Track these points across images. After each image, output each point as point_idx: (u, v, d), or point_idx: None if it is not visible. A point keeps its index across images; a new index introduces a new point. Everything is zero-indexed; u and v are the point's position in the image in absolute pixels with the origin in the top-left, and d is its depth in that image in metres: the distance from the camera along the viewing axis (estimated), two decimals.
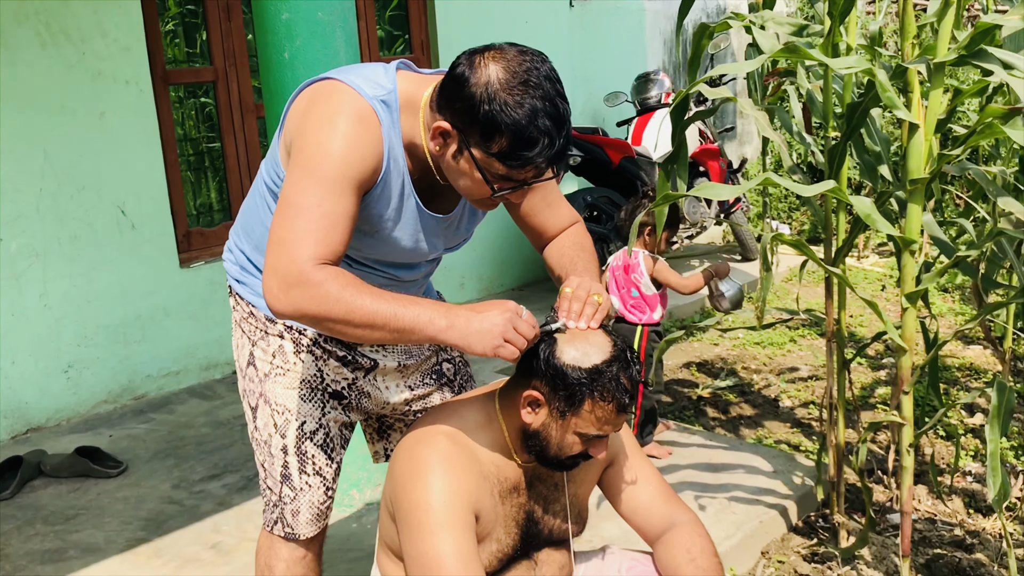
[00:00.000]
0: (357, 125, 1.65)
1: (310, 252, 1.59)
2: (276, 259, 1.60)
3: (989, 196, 2.62)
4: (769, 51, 2.62)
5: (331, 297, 1.58)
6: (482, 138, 1.60)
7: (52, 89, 4.16)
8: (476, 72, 1.60)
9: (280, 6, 2.75)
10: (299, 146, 1.66)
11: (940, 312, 5.50)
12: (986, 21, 2.19)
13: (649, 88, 6.27)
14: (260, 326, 1.98)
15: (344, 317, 1.59)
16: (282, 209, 1.64)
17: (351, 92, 1.67)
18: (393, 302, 1.61)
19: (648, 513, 1.93)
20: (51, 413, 4.29)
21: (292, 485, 2.01)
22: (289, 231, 1.61)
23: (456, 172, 1.69)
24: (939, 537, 3.16)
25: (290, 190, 1.64)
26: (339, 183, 1.63)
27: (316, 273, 1.58)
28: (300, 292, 1.58)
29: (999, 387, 2.34)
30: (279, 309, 1.61)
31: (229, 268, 2.04)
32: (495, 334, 1.61)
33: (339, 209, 1.63)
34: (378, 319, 1.60)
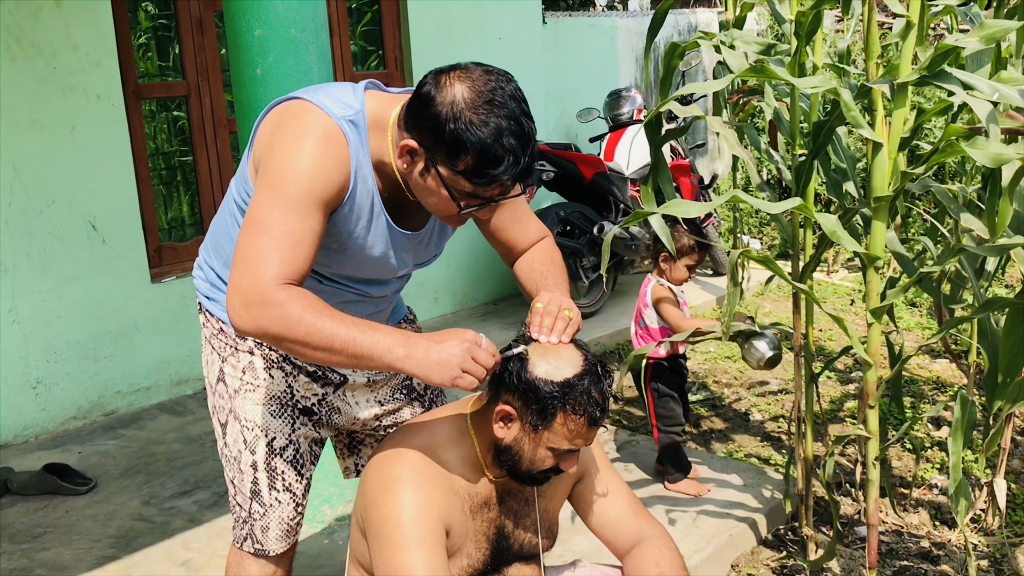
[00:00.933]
0: (324, 145, 1.67)
1: (273, 271, 1.60)
2: (240, 277, 1.62)
3: (951, 214, 2.67)
4: (737, 70, 2.66)
5: (291, 318, 1.59)
6: (448, 156, 1.62)
7: (22, 103, 4.13)
8: (441, 91, 1.62)
9: (253, 22, 2.76)
10: (266, 164, 1.68)
11: (908, 326, 5.58)
12: (947, 43, 2.24)
13: (621, 104, 6.33)
14: (230, 342, 1.98)
15: (303, 339, 1.60)
16: (247, 227, 1.65)
17: (319, 112, 1.69)
18: (353, 327, 1.62)
19: (618, 527, 1.95)
20: (19, 430, 4.24)
21: (262, 501, 2.01)
22: (253, 249, 1.62)
23: (424, 190, 1.71)
24: (905, 549, 3.20)
25: (256, 208, 1.66)
26: (304, 202, 1.64)
27: (278, 293, 1.59)
28: (261, 311, 1.59)
29: (962, 401, 2.39)
30: (240, 326, 1.62)
31: (199, 285, 2.04)
32: (453, 365, 1.62)
33: (304, 228, 1.64)
34: (336, 343, 1.61)
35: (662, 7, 2.86)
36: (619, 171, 6.00)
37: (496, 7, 6.16)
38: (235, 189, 1.90)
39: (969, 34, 2.27)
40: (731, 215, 6.86)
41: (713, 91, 2.75)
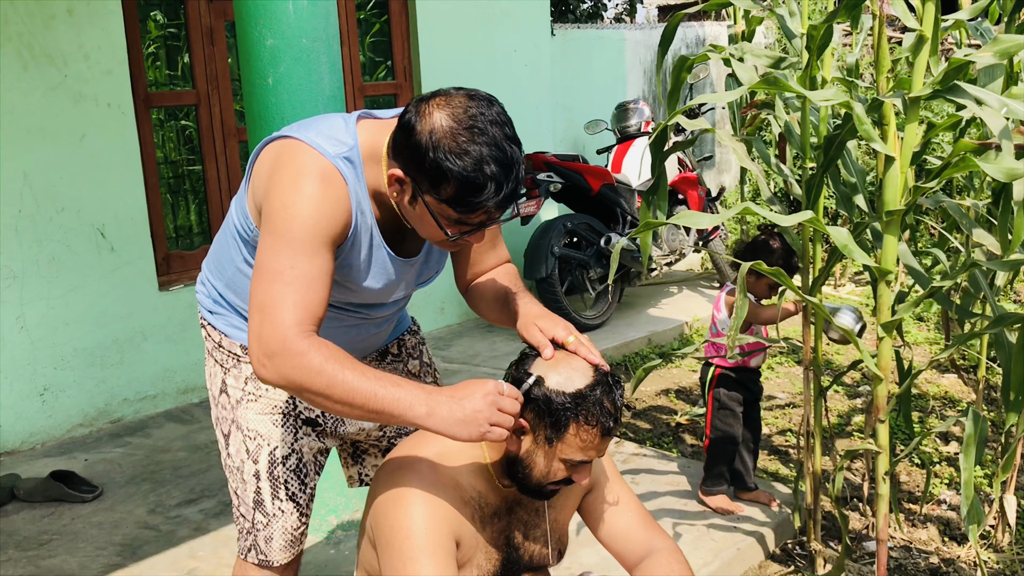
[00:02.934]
0: (322, 185, 1.66)
1: (291, 318, 1.60)
2: (259, 327, 1.61)
3: (963, 229, 2.67)
4: (748, 83, 2.66)
5: (313, 369, 1.58)
6: (431, 185, 1.62)
7: (33, 111, 4.15)
8: (422, 120, 1.61)
9: (264, 32, 2.77)
10: (268, 211, 1.68)
11: (915, 341, 5.56)
12: (959, 58, 2.24)
13: (629, 116, 6.34)
14: (231, 354, 1.99)
15: (323, 390, 1.59)
16: (259, 274, 1.65)
17: (313, 153, 1.68)
18: (375, 381, 1.60)
19: (627, 540, 1.94)
20: (25, 436, 4.24)
21: (265, 511, 2.00)
22: (268, 297, 1.62)
23: (414, 217, 1.72)
24: (915, 565, 3.18)
25: (264, 255, 1.66)
26: (311, 243, 1.64)
27: (298, 342, 1.59)
28: (283, 361, 1.58)
29: (973, 416, 2.37)
30: (264, 376, 1.61)
31: (202, 300, 2.05)
32: (480, 421, 1.60)
33: (314, 269, 1.64)
34: (357, 397, 1.59)
35: (673, 21, 2.86)
36: (627, 183, 6.01)
37: (505, 19, 6.17)
38: (235, 214, 1.90)
39: (983, 49, 2.27)
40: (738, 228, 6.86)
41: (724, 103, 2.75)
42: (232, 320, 1.99)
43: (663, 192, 2.77)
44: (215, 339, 2.01)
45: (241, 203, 1.86)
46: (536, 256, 5.52)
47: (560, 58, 6.85)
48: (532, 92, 6.41)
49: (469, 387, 1.64)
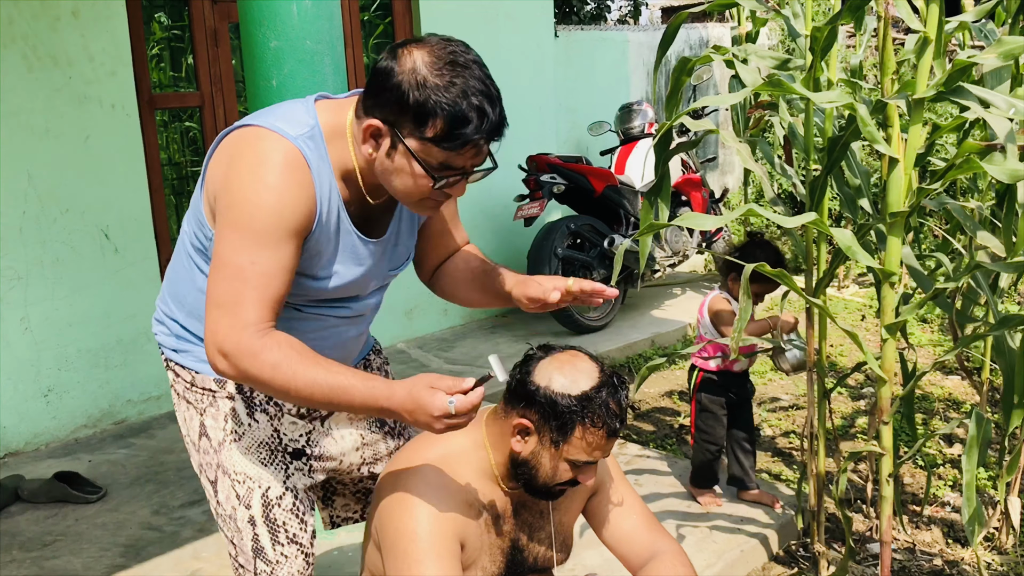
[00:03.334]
0: (285, 172, 1.61)
1: (251, 316, 1.58)
2: (215, 323, 1.59)
3: (967, 230, 2.66)
4: (752, 84, 2.66)
5: (270, 365, 1.57)
6: (416, 125, 1.57)
7: (38, 112, 4.16)
8: (400, 61, 1.57)
9: (269, 34, 2.77)
10: (227, 203, 1.62)
11: (919, 342, 5.56)
12: (963, 59, 2.24)
13: (632, 118, 6.34)
14: (207, 393, 1.87)
15: (282, 386, 1.58)
16: (217, 269, 1.61)
17: (274, 136, 1.62)
18: (329, 389, 1.59)
19: (632, 542, 1.94)
20: (30, 437, 4.25)
21: (267, 559, 1.87)
22: (227, 294, 1.59)
23: (392, 172, 1.64)
24: (918, 567, 3.18)
25: (223, 249, 1.61)
26: (273, 236, 1.60)
27: (257, 340, 1.57)
28: (240, 359, 1.57)
29: (977, 418, 2.37)
30: (222, 372, 1.60)
31: (163, 340, 1.92)
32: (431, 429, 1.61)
33: (276, 264, 1.61)
34: (315, 399, 1.59)
35: (674, 22, 2.86)
36: (630, 184, 6.01)
37: (508, 20, 6.18)
38: (189, 230, 1.81)
39: (987, 50, 2.27)
40: (741, 229, 6.86)
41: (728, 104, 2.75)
42: (200, 353, 1.85)
43: (666, 193, 2.77)
44: (186, 379, 1.89)
45: (196, 210, 1.77)
46: (539, 257, 5.52)
47: (563, 59, 6.85)
48: (536, 93, 6.41)
49: (419, 410, 1.59)
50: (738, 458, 3.48)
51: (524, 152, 5.99)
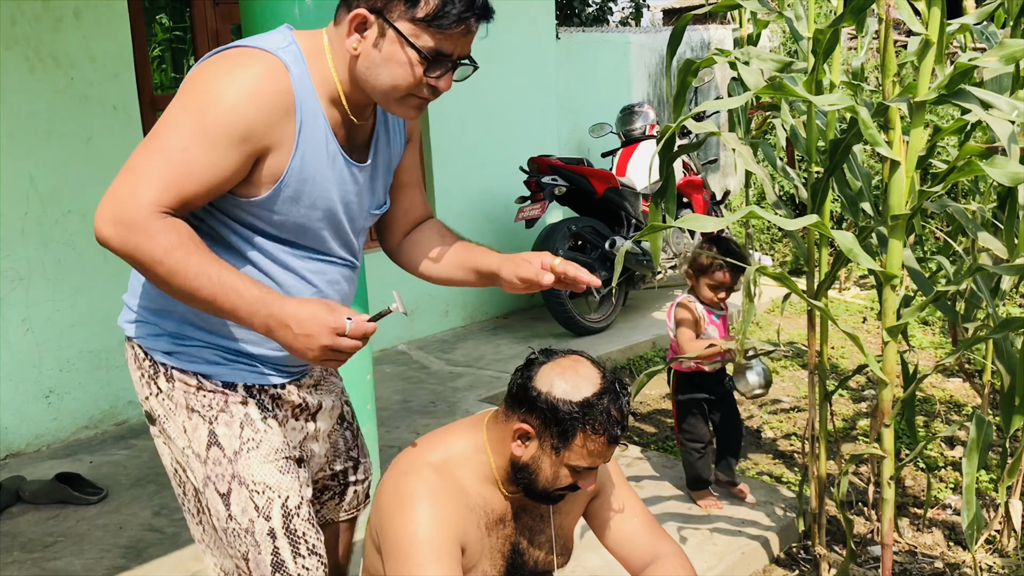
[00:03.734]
0: (261, 77, 1.54)
1: (154, 196, 1.49)
2: (119, 187, 1.50)
3: (968, 233, 2.66)
4: (754, 87, 2.66)
5: (159, 251, 1.48)
6: (407, 5, 1.55)
7: (40, 114, 4.16)
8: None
9: None
10: (186, 89, 1.55)
11: (920, 345, 5.55)
12: (964, 62, 2.24)
13: (634, 120, 6.34)
14: (217, 397, 1.73)
15: (169, 273, 1.50)
16: (148, 138, 1.53)
17: (252, 49, 1.58)
18: (217, 285, 1.52)
19: (633, 545, 1.94)
20: (31, 439, 4.25)
21: (287, 573, 1.74)
22: (144, 164, 1.51)
23: (380, 64, 1.60)
24: (919, 569, 3.17)
25: (163, 124, 1.53)
26: (219, 136, 1.52)
27: (153, 221, 1.48)
28: (129, 232, 1.48)
29: (978, 421, 2.37)
30: (104, 238, 1.50)
31: (152, 345, 1.75)
32: (310, 357, 1.56)
33: (207, 161, 1.52)
34: (199, 295, 1.52)
35: (681, 23, 2.86)
36: (631, 186, 6.01)
37: (510, 22, 6.18)
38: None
39: (988, 53, 2.27)
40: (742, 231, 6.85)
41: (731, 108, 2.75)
42: (205, 354, 1.73)
43: (671, 195, 2.77)
44: (189, 384, 1.73)
45: None
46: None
47: (565, 61, 6.85)
48: (537, 95, 6.41)
49: (309, 320, 1.54)
50: (724, 454, 3.55)
51: (525, 154, 5.99)
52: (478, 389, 4.77)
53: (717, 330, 3.47)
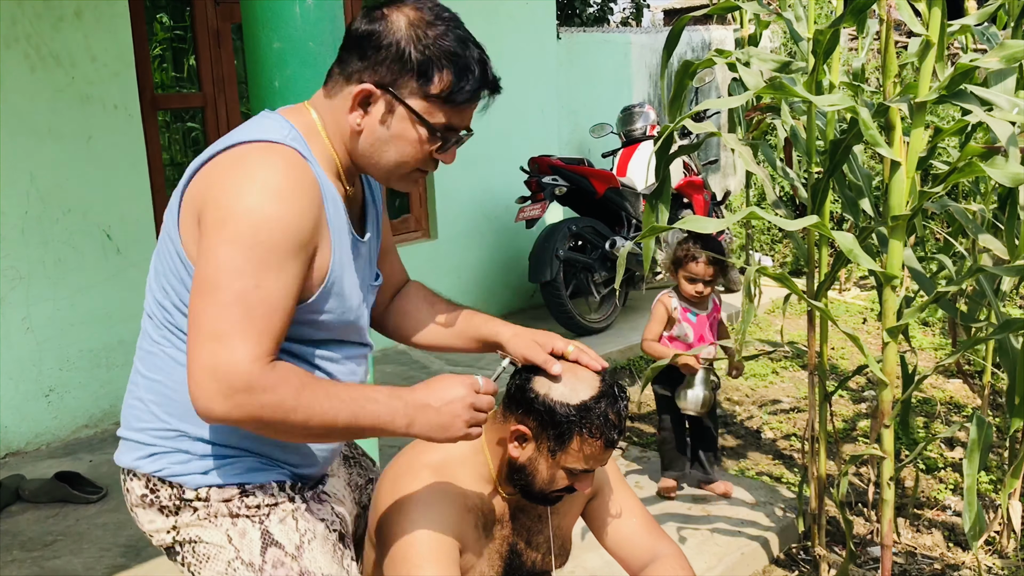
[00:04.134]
0: (287, 173, 1.42)
1: (254, 349, 1.36)
2: (213, 358, 1.35)
3: (969, 233, 2.66)
4: (754, 87, 2.66)
5: (287, 403, 1.37)
6: (420, 82, 1.49)
7: (40, 112, 4.16)
8: (387, 22, 1.49)
9: (272, 35, 2.77)
10: (219, 216, 1.39)
11: (920, 346, 5.55)
12: (965, 63, 2.24)
13: (634, 120, 6.34)
14: (266, 497, 1.59)
15: (302, 423, 1.39)
16: (210, 293, 1.37)
17: (262, 144, 1.45)
18: (351, 403, 1.44)
19: (632, 545, 1.94)
20: (31, 437, 4.25)
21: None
22: (226, 322, 1.36)
23: (387, 140, 1.53)
24: (919, 570, 3.17)
25: (215, 270, 1.37)
26: (280, 252, 1.39)
27: (266, 376, 1.36)
28: (248, 397, 1.35)
29: (978, 422, 2.37)
30: (218, 415, 1.36)
31: (181, 471, 1.56)
32: (459, 426, 1.52)
33: (281, 286, 1.40)
34: (338, 422, 1.42)
35: (678, 24, 2.86)
36: (632, 187, 6.01)
37: (510, 22, 6.18)
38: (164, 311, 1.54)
39: (989, 54, 2.27)
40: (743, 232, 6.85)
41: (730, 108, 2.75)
42: (245, 463, 1.58)
43: (666, 195, 2.77)
44: (230, 493, 1.57)
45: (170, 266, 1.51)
46: (541, 259, 5.52)
47: (566, 61, 6.85)
48: (538, 95, 6.41)
49: (444, 389, 1.53)
50: (696, 450, 3.62)
51: (526, 154, 5.99)
52: None
53: (692, 328, 3.49)
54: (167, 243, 1.51)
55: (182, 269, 1.49)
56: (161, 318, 1.55)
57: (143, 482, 1.59)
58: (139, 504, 1.62)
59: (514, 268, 6.33)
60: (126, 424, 1.63)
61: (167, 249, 1.51)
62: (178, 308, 1.52)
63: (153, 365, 1.58)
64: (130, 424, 1.62)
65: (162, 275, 1.53)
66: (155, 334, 1.57)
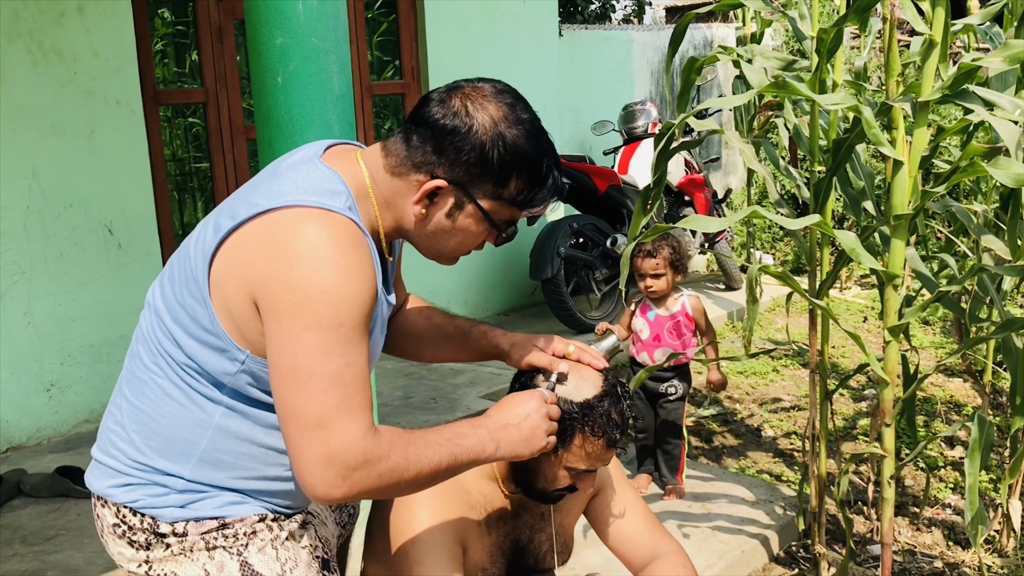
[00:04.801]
0: (353, 250, 1.40)
1: (362, 425, 1.36)
2: (324, 446, 1.34)
3: (971, 233, 2.66)
4: (757, 85, 2.66)
5: (400, 466, 1.39)
6: (496, 186, 1.49)
7: (43, 107, 4.16)
8: (471, 120, 1.47)
9: (274, 31, 2.77)
10: (295, 300, 1.35)
11: (921, 345, 5.55)
12: (968, 62, 2.24)
13: (636, 118, 6.34)
14: (244, 527, 1.57)
15: (413, 478, 1.42)
16: (305, 382, 1.35)
17: (323, 213, 1.40)
18: (447, 444, 1.47)
19: (633, 543, 1.94)
20: (32, 432, 4.25)
21: None
22: (329, 407, 1.35)
23: (450, 232, 1.54)
24: (919, 569, 3.18)
25: (308, 356, 1.35)
26: (360, 327, 1.39)
27: (377, 446, 1.37)
28: (366, 472, 1.36)
29: (979, 421, 2.37)
30: (338, 497, 1.36)
31: (157, 504, 1.53)
32: (539, 436, 1.59)
33: (364, 356, 1.40)
34: (442, 467, 1.45)
35: (683, 21, 2.86)
36: (633, 184, 6.01)
37: (513, 19, 6.18)
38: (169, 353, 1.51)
39: (992, 54, 2.27)
40: (744, 230, 6.86)
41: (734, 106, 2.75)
42: (225, 498, 1.56)
43: (658, 190, 2.76)
44: (208, 528, 1.54)
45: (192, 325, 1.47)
46: (542, 256, 5.52)
47: (568, 59, 6.85)
48: (539, 92, 6.40)
49: (518, 405, 1.60)
50: (655, 454, 3.63)
51: None
52: (479, 386, 4.77)
53: (648, 326, 3.49)
54: (188, 281, 1.47)
55: (200, 311, 1.46)
56: (156, 345, 1.53)
57: (114, 511, 1.56)
58: (110, 533, 1.58)
59: (515, 265, 6.33)
60: (102, 447, 1.60)
61: (187, 288, 1.47)
62: (188, 360, 1.49)
63: (141, 393, 1.55)
64: (107, 449, 1.59)
65: (175, 305, 1.49)
66: (147, 359, 1.55)
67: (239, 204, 1.46)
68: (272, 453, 1.56)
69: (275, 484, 1.59)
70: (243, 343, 1.45)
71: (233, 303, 1.43)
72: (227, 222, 1.44)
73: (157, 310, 1.54)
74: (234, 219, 1.43)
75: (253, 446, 1.54)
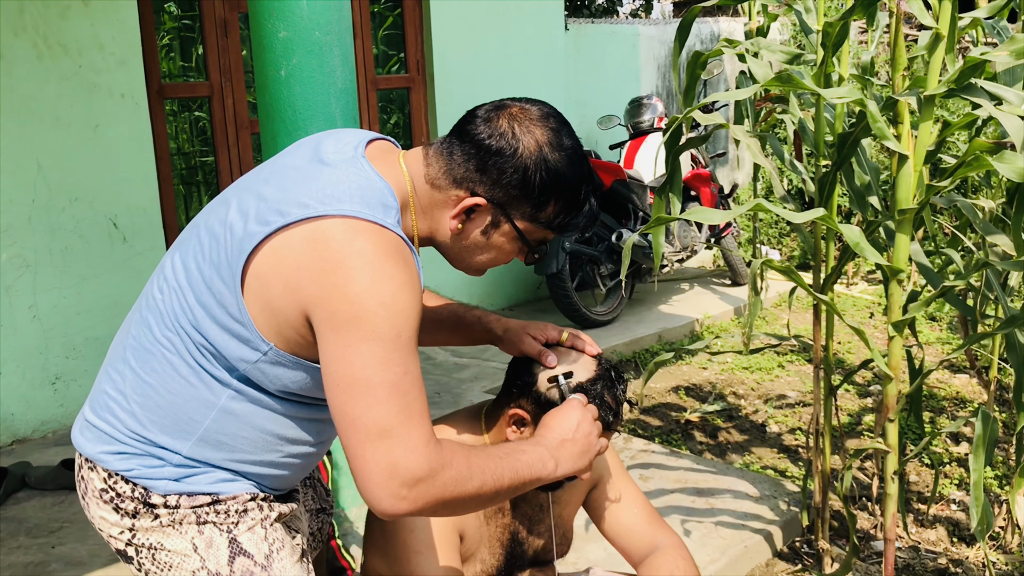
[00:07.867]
0: (405, 267, 1.41)
1: (424, 433, 1.37)
2: (388, 456, 1.34)
3: (976, 228, 2.65)
4: (762, 79, 2.65)
5: (463, 476, 1.39)
6: (534, 208, 1.52)
7: (47, 101, 4.17)
8: (517, 143, 1.50)
9: (278, 24, 2.77)
10: (352, 312, 1.36)
11: (927, 340, 5.53)
12: (975, 56, 2.23)
13: (642, 112, 6.32)
14: (235, 504, 1.58)
15: (476, 490, 1.42)
16: (365, 392, 1.36)
17: (375, 229, 1.41)
18: (507, 457, 1.48)
19: (632, 535, 1.94)
20: (37, 425, 4.26)
21: None
22: (390, 416, 1.35)
23: (484, 248, 1.58)
24: (922, 565, 3.17)
25: (366, 367, 1.36)
26: (414, 339, 1.41)
27: (440, 455, 1.38)
28: (431, 482, 1.36)
29: (984, 417, 2.36)
30: (404, 509, 1.36)
31: (151, 475, 1.53)
32: (593, 444, 1.60)
33: (419, 366, 1.42)
34: (504, 482, 1.45)
35: (690, 14, 2.85)
36: (639, 179, 5.99)
37: (519, 13, 6.16)
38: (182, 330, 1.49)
39: (999, 48, 2.26)
40: (750, 225, 6.84)
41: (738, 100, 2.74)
42: (219, 475, 1.57)
43: (677, 187, 2.76)
44: (201, 503, 1.55)
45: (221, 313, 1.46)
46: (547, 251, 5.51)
47: (574, 53, 6.83)
48: (545, 87, 6.40)
49: (566, 419, 1.60)
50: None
51: None
52: (483, 380, 4.77)
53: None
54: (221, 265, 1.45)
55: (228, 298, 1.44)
56: (171, 320, 1.51)
57: (104, 476, 1.55)
58: (94, 497, 1.57)
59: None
60: (96, 411, 1.58)
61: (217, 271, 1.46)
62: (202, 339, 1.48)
63: (148, 365, 1.53)
64: (102, 414, 1.57)
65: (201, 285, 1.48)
66: (159, 331, 1.52)
67: (286, 200, 1.44)
68: (272, 439, 1.56)
69: (269, 469, 1.60)
70: (273, 337, 1.45)
71: (278, 303, 1.42)
72: (276, 218, 1.42)
73: (180, 285, 1.51)
74: (284, 216, 1.42)
75: (255, 431, 1.54)
